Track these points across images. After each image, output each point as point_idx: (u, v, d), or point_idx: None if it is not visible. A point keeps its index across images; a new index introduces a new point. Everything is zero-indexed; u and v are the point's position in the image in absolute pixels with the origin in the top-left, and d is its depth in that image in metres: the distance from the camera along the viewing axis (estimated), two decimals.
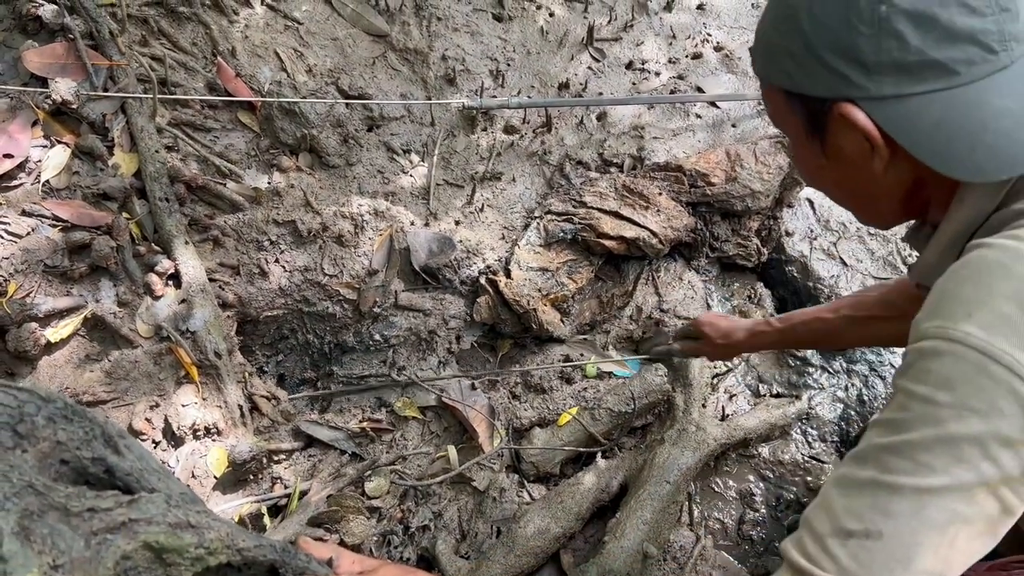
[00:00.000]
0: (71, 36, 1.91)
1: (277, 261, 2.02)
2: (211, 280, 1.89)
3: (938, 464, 0.71)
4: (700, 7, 2.92)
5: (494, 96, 2.47)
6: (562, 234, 2.23)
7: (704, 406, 2.04)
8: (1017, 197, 0.81)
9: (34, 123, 1.82)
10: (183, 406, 1.71)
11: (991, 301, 0.72)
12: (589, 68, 2.66)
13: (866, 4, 0.77)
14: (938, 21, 0.75)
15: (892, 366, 2.22)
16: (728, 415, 2.11)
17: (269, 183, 2.10)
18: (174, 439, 1.70)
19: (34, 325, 1.63)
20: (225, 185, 2.02)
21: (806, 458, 2.07)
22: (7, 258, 1.66)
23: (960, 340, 0.72)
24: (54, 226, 1.74)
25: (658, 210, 2.26)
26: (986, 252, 0.76)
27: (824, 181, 1.00)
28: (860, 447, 0.79)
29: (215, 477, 1.67)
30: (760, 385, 2.22)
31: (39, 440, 0.84)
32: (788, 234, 2.48)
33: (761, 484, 2.03)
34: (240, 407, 1.76)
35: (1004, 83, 0.77)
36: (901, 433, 0.74)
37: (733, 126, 2.58)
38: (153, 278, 1.79)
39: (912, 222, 1.05)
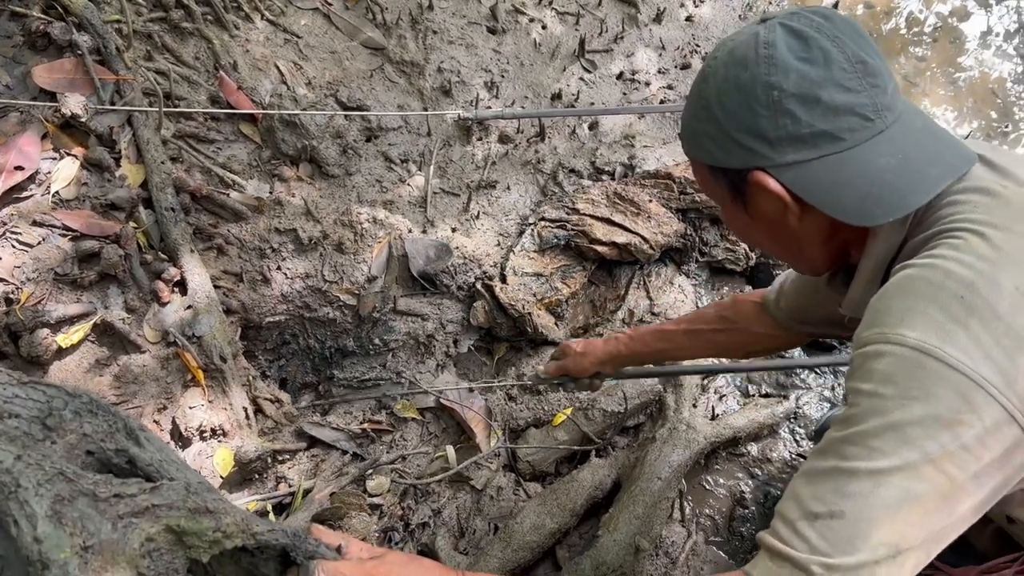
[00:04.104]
0: (79, 52, 1.98)
1: (279, 268, 2.08)
2: (216, 287, 1.95)
3: (887, 448, 0.81)
4: (688, 19, 3.00)
5: (489, 107, 2.54)
6: (556, 240, 2.30)
7: (695, 406, 2.10)
8: (920, 227, 0.96)
9: (44, 136, 1.88)
10: (190, 408, 1.76)
11: (918, 307, 0.84)
12: (581, 79, 2.73)
13: (762, 92, 0.93)
14: (820, 99, 0.91)
15: None
16: (718, 414, 2.17)
17: (271, 193, 2.16)
18: (181, 440, 1.76)
19: (46, 331, 1.69)
20: (228, 195, 2.08)
21: (793, 456, 2.13)
22: (19, 267, 1.72)
23: (897, 341, 0.83)
24: (64, 236, 1.80)
25: (649, 216, 2.33)
26: (910, 271, 0.89)
27: (753, 237, 1.15)
28: (821, 444, 0.89)
29: (221, 477, 1.73)
30: (749, 385, 2.29)
31: (67, 432, 0.90)
32: None
33: (750, 481, 2.09)
34: (245, 409, 1.82)
35: (883, 144, 0.93)
36: (854, 425, 0.85)
37: None
38: (160, 285, 1.85)
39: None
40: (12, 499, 0.79)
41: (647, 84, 2.80)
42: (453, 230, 2.31)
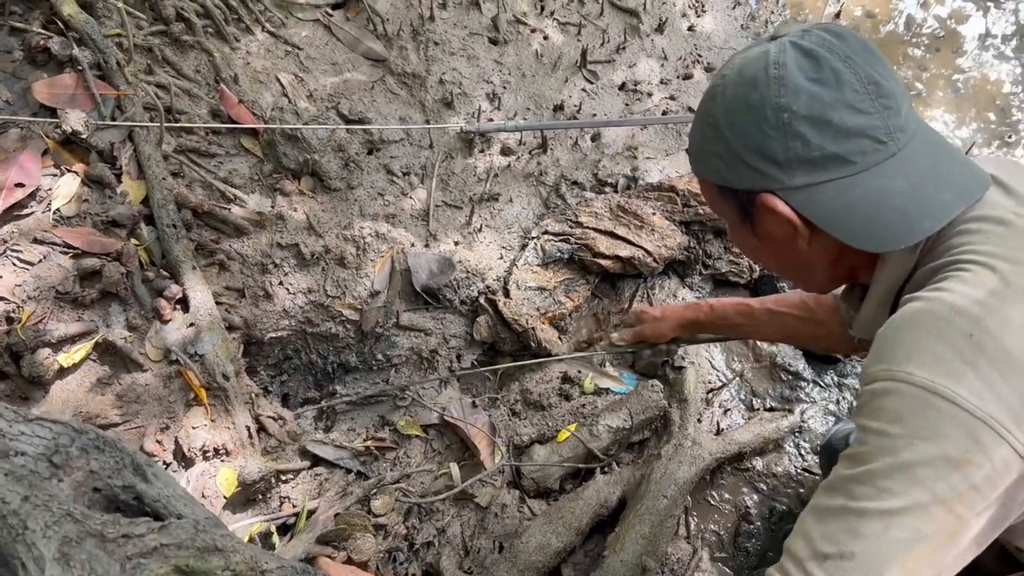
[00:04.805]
0: (79, 67, 1.96)
1: (281, 283, 2.06)
2: (218, 303, 1.93)
3: (897, 488, 0.80)
4: (690, 29, 3.00)
5: (491, 119, 2.53)
6: (559, 254, 2.29)
7: (700, 421, 2.09)
8: (931, 255, 0.95)
9: (44, 152, 1.87)
10: (193, 428, 1.75)
11: (926, 344, 0.83)
12: (583, 90, 2.72)
13: (771, 113, 0.92)
14: (831, 122, 0.90)
15: None
16: (723, 429, 2.16)
17: (272, 207, 2.15)
18: (184, 460, 1.75)
19: (47, 350, 1.67)
20: (230, 210, 2.07)
21: (799, 470, 2.12)
22: (20, 285, 1.70)
23: (904, 379, 0.82)
24: (65, 253, 1.78)
25: (652, 229, 2.32)
26: (918, 304, 0.87)
27: (761, 258, 1.15)
28: (830, 479, 0.88)
29: (225, 497, 1.71)
30: (754, 400, 2.28)
31: (73, 470, 0.88)
32: None
33: (755, 496, 2.08)
34: (248, 428, 1.80)
35: (894, 167, 0.92)
36: (863, 464, 0.84)
37: None
38: (162, 303, 1.84)
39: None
40: (19, 541, 0.78)
41: (649, 95, 2.79)
42: (456, 244, 2.30)
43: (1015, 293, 0.83)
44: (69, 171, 1.87)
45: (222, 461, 1.75)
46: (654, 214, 2.36)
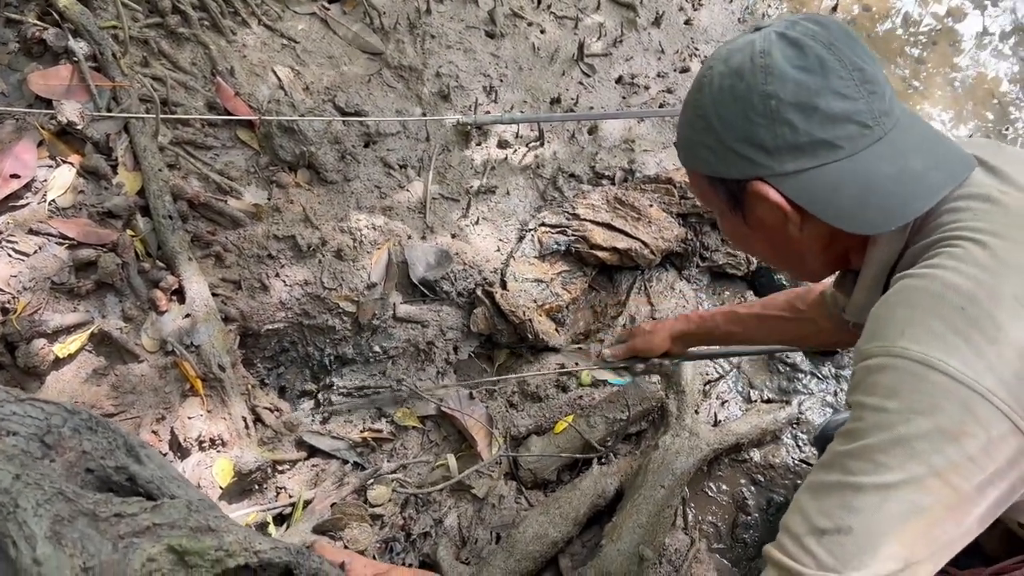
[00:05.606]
0: (75, 58, 1.96)
1: (278, 275, 2.06)
2: (214, 295, 1.93)
3: (893, 462, 0.80)
4: (687, 22, 3.00)
5: (488, 112, 2.53)
6: (556, 246, 2.29)
7: (697, 412, 2.09)
8: (920, 235, 0.96)
9: (40, 144, 1.86)
10: (189, 418, 1.75)
11: (920, 319, 0.84)
12: (580, 83, 2.72)
13: (759, 101, 0.93)
14: (818, 108, 0.91)
15: None
16: (720, 421, 2.16)
17: (269, 199, 2.15)
18: (180, 451, 1.74)
19: (43, 341, 1.67)
20: (226, 202, 2.07)
21: (796, 462, 2.12)
22: (15, 276, 1.70)
23: (899, 354, 0.83)
24: (61, 244, 1.78)
25: (649, 221, 2.32)
26: (910, 281, 0.88)
27: (753, 247, 1.16)
28: (825, 456, 0.89)
29: (221, 487, 1.71)
30: (751, 391, 2.27)
31: (66, 450, 0.88)
32: None
33: (753, 488, 2.08)
34: (244, 419, 1.80)
35: (881, 151, 0.93)
36: (859, 440, 0.84)
37: None
38: (158, 294, 1.83)
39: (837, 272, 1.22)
40: (11, 520, 0.77)
41: (646, 88, 2.79)
42: (453, 236, 2.29)
43: (1005, 267, 0.84)
44: (65, 162, 1.87)
45: (218, 451, 1.75)
46: (651, 206, 2.36)
